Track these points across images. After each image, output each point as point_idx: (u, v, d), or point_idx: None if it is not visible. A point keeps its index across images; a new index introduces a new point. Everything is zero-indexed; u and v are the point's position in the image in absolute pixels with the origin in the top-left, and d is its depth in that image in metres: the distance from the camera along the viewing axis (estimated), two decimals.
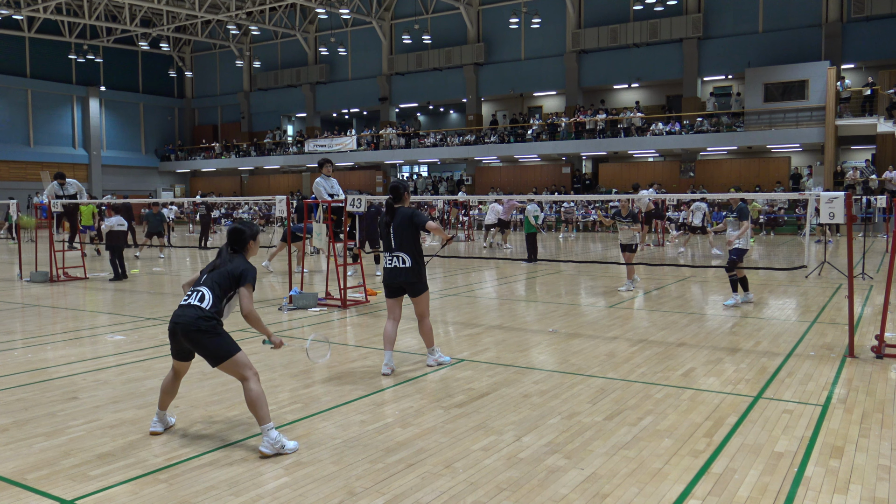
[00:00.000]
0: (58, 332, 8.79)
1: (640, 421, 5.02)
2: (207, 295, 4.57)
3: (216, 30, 46.62)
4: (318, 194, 11.47)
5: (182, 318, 4.52)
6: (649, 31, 33.18)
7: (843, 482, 3.95)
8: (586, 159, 37.11)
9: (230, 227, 4.87)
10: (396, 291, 6.44)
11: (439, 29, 39.13)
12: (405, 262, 6.31)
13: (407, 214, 6.34)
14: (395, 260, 6.34)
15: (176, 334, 4.58)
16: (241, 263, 4.71)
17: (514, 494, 3.81)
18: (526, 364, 6.79)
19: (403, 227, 6.31)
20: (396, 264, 6.33)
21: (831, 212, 6.98)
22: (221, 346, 4.51)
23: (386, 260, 6.40)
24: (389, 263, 6.37)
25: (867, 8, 29.05)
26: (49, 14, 38.99)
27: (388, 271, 6.39)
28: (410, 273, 6.33)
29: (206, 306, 4.53)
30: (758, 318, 9.27)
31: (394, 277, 6.38)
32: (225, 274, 4.65)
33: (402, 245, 6.33)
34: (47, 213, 14.58)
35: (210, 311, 4.53)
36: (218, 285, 4.63)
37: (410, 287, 6.37)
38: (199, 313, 4.50)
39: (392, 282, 6.40)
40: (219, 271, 4.68)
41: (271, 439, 4.36)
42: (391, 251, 6.37)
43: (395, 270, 6.35)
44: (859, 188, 27.22)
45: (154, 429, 4.82)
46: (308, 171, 43.57)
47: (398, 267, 6.33)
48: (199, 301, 4.56)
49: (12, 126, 42.15)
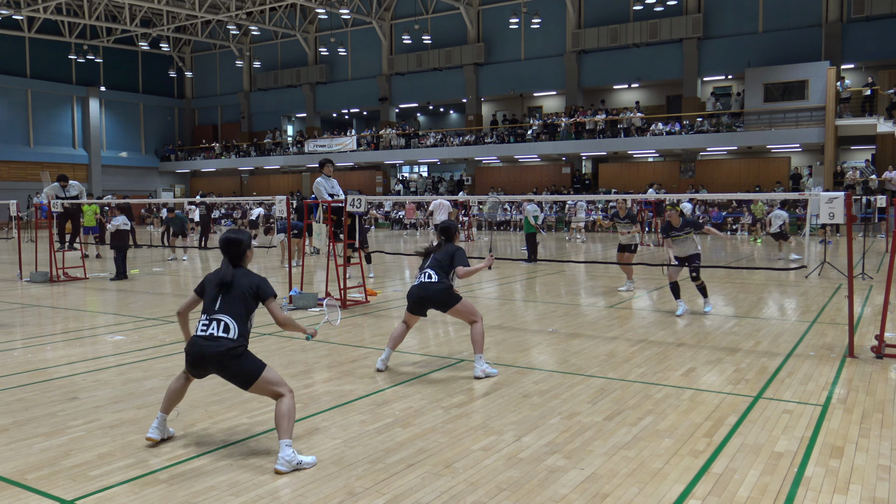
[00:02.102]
0: (58, 332, 8.79)
1: (640, 421, 5.02)
2: (231, 324, 4.43)
3: (216, 30, 46.62)
4: (318, 194, 11.47)
5: (210, 349, 4.37)
6: (649, 31, 33.18)
7: (843, 482, 3.95)
8: (586, 159, 37.11)
9: (225, 238, 4.71)
10: (420, 307, 6.55)
11: (439, 29, 39.13)
12: (432, 277, 6.44)
13: (451, 251, 6.59)
14: (423, 276, 6.50)
15: (202, 365, 4.44)
16: (252, 279, 4.63)
17: (514, 494, 3.81)
18: (526, 364, 6.79)
19: (442, 256, 6.55)
20: (423, 279, 6.48)
21: (831, 212, 6.98)
22: (251, 369, 4.40)
23: (417, 278, 6.59)
24: (418, 280, 6.55)
25: (867, 8, 29.04)
26: (49, 14, 38.99)
27: (415, 287, 6.53)
28: (439, 287, 6.41)
29: (234, 336, 4.40)
30: (758, 318, 9.27)
31: (421, 290, 6.47)
32: (240, 297, 4.52)
33: (433, 265, 6.50)
34: (47, 213, 14.58)
35: (238, 339, 4.42)
36: (242, 309, 4.51)
37: (439, 301, 6.41)
38: (228, 345, 4.37)
39: (420, 294, 6.47)
40: (233, 294, 4.51)
41: (287, 456, 4.18)
42: (421, 270, 6.58)
43: (422, 285, 6.47)
44: (859, 188, 27.23)
45: (151, 435, 4.60)
46: (308, 172, 43.57)
47: (424, 282, 6.46)
48: (225, 332, 4.41)
49: (12, 126, 42.15)
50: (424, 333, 8.55)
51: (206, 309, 4.55)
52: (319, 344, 7.87)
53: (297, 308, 10.15)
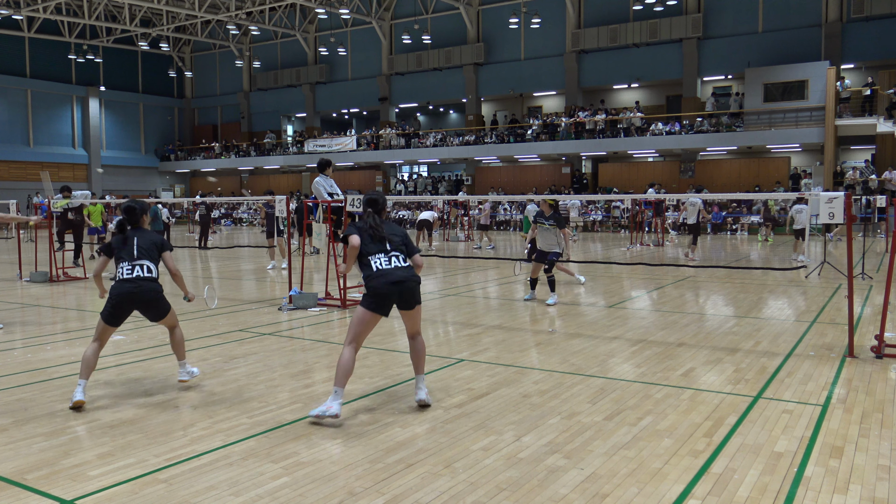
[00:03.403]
0: (58, 332, 8.80)
1: (639, 421, 5.02)
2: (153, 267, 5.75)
3: (216, 30, 46.63)
4: (317, 194, 11.47)
5: (140, 288, 5.63)
6: (649, 31, 33.18)
7: (843, 482, 3.95)
8: (586, 159, 37.12)
9: (125, 206, 5.89)
10: (387, 305, 5.22)
11: (439, 29, 39.14)
12: (405, 261, 5.30)
13: (402, 232, 5.55)
14: (385, 259, 5.23)
15: (134, 302, 5.63)
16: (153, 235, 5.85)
17: (514, 494, 3.81)
18: (526, 364, 6.79)
19: (396, 238, 5.43)
20: (398, 263, 5.23)
21: (831, 212, 6.98)
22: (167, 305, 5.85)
23: (380, 261, 5.25)
24: (388, 264, 5.23)
25: (867, 8, 29.05)
26: (49, 14, 38.99)
27: (385, 274, 5.19)
28: (417, 279, 5.32)
29: (155, 275, 5.75)
30: (758, 318, 9.27)
31: (396, 279, 5.15)
32: (149, 247, 5.78)
33: (395, 247, 5.35)
34: (47, 214, 14.57)
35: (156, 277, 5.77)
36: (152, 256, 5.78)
37: (414, 293, 5.27)
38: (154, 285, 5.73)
39: (395, 284, 5.16)
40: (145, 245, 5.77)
41: (190, 370, 6.00)
42: (385, 252, 5.29)
43: (395, 271, 5.19)
44: (859, 188, 27.23)
45: (79, 398, 5.33)
46: (308, 171, 43.58)
47: (399, 267, 5.23)
48: (149, 273, 5.70)
49: (12, 126, 42.16)
50: (424, 334, 8.53)
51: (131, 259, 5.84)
52: (319, 344, 7.87)
53: (297, 308, 10.16)
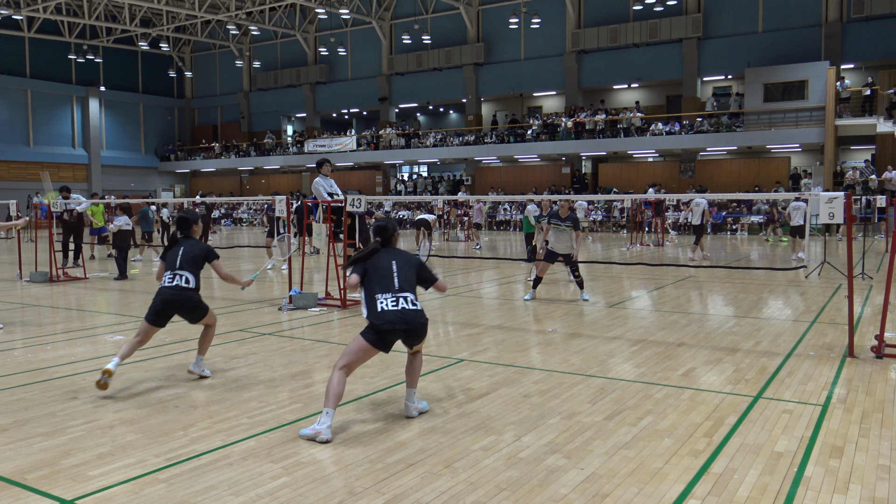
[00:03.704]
0: (58, 332, 8.79)
1: (639, 421, 5.02)
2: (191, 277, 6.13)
3: (216, 30, 46.62)
4: (317, 194, 11.47)
5: (178, 296, 6.07)
6: (649, 31, 33.18)
7: (843, 482, 3.95)
8: (586, 159, 37.12)
9: (178, 216, 6.47)
10: (390, 343, 5.04)
11: (439, 29, 39.14)
12: (415, 304, 5.06)
13: (415, 262, 5.26)
14: (397, 300, 5.00)
15: (174, 308, 6.08)
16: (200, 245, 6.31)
17: (514, 494, 3.81)
18: (526, 364, 6.79)
19: (408, 268, 5.17)
20: (405, 306, 5.00)
21: (831, 212, 6.98)
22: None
23: (387, 302, 4.99)
24: (394, 305, 4.98)
25: (867, 8, 29.05)
26: (49, 14, 38.98)
27: (390, 318, 4.94)
28: (424, 321, 5.12)
29: (193, 286, 6.14)
30: (758, 318, 9.27)
31: (401, 327, 4.95)
32: (191, 259, 6.17)
33: (406, 285, 5.10)
34: (47, 213, 14.57)
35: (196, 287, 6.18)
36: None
37: (419, 335, 5.10)
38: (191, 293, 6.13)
39: (400, 331, 4.97)
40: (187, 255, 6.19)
41: (202, 365, 6.35)
42: (393, 292, 5.03)
43: (402, 316, 4.96)
44: (859, 188, 27.23)
45: (108, 367, 5.77)
46: (308, 171, 43.57)
47: (407, 310, 4.99)
48: (187, 283, 6.09)
49: (12, 126, 42.15)
50: None
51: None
52: (319, 344, 7.87)
53: (297, 308, 10.16)
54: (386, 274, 5.06)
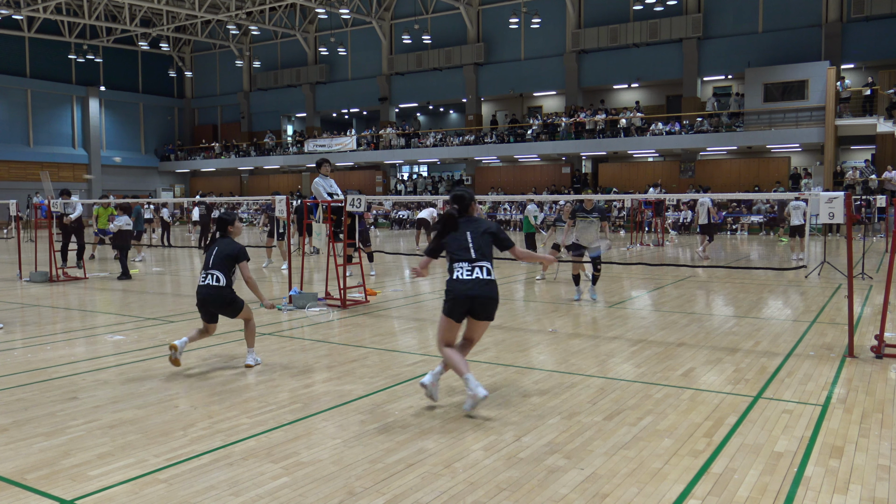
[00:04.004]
0: (58, 332, 8.79)
1: (640, 421, 5.02)
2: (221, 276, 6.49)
3: (216, 30, 46.63)
4: (317, 194, 11.47)
5: (209, 294, 6.54)
6: (649, 31, 33.19)
7: (843, 482, 3.95)
8: (586, 159, 37.12)
9: (218, 217, 6.72)
10: (464, 313, 5.23)
11: (439, 29, 39.14)
12: (490, 274, 5.24)
13: (490, 228, 5.41)
14: (470, 270, 5.19)
15: (207, 304, 6.55)
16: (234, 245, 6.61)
17: (514, 494, 3.81)
18: (526, 364, 6.79)
19: (484, 237, 5.34)
20: (479, 275, 5.18)
21: (831, 212, 6.98)
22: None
23: (462, 271, 5.22)
24: (469, 275, 5.19)
25: (867, 8, 29.05)
26: (49, 14, 38.98)
27: (463, 285, 5.18)
28: (495, 289, 5.29)
29: (224, 284, 6.48)
30: (758, 318, 9.27)
31: (471, 294, 5.15)
32: (224, 259, 6.49)
33: (484, 257, 5.27)
34: (46, 213, 14.57)
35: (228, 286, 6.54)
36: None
37: (486, 308, 5.25)
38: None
39: (469, 298, 5.15)
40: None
41: (255, 357, 6.70)
42: (470, 261, 5.22)
43: (474, 285, 5.17)
44: (859, 188, 27.23)
45: (176, 343, 6.43)
46: (308, 171, 43.58)
47: (480, 279, 5.18)
48: (217, 282, 6.46)
49: (12, 126, 42.15)
50: (424, 333, 8.55)
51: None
52: (319, 344, 7.87)
53: (296, 308, 10.16)
54: (463, 243, 5.29)
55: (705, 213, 17.66)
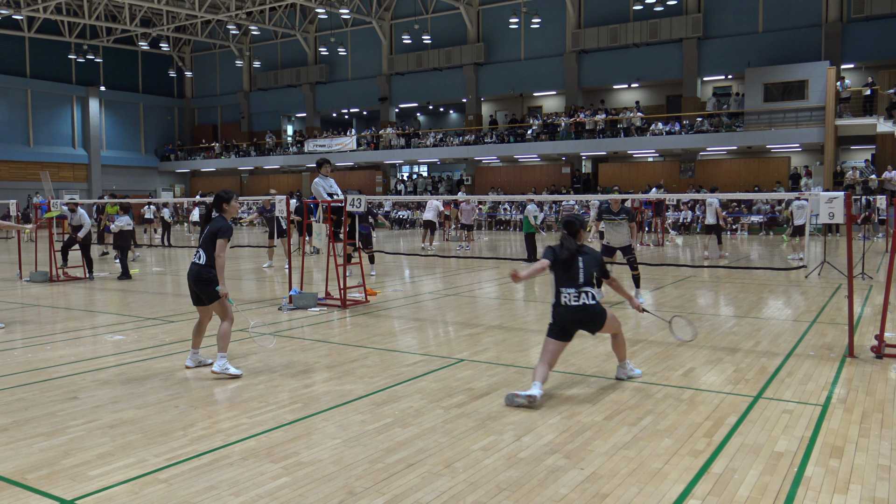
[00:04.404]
0: (58, 332, 8.79)
1: (640, 421, 5.02)
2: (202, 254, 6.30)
3: (216, 30, 46.62)
4: (317, 194, 11.47)
5: (191, 271, 6.38)
6: (649, 31, 33.18)
7: (843, 482, 3.95)
8: (586, 159, 37.12)
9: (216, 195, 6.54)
10: (571, 333, 5.72)
11: (439, 29, 39.13)
12: (594, 299, 5.67)
13: (598, 260, 5.83)
14: (577, 295, 5.62)
15: (189, 283, 6.43)
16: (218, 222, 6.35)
17: (514, 494, 3.81)
18: (526, 364, 6.79)
19: (590, 264, 5.72)
20: (586, 301, 5.63)
21: (831, 212, 6.98)
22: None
23: (570, 297, 5.62)
24: (576, 301, 5.62)
25: (867, 8, 29.04)
26: (49, 14, 38.98)
27: (570, 311, 5.62)
28: (600, 311, 5.75)
29: (203, 262, 6.28)
30: (758, 318, 9.27)
31: (580, 319, 5.65)
32: (209, 237, 6.29)
33: (587, 280, 5.68)
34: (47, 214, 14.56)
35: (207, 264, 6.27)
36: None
37: (596, 324, 5.74)
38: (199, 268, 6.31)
39: (579, 322, 5.66)
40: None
41: (222, 364, 6.25)
42: (577, 287, 5.63)
43: (582, 310, 5.63)
44: (859, 188, 27.22)
45: (187, 363, 6.59)
46: (308, 171, 43.58)
47: (587, 305, 5.63)
48: (198, 259, 6.30)
49: (12, 126, 42.14)
50: (424, 333, 8.55)
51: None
52: (319, 344, 7.87)
53: (297, 308, 10.16)
54: (572, 268, 5.64)
55: (713, 214, 17.72)
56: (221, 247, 6.21)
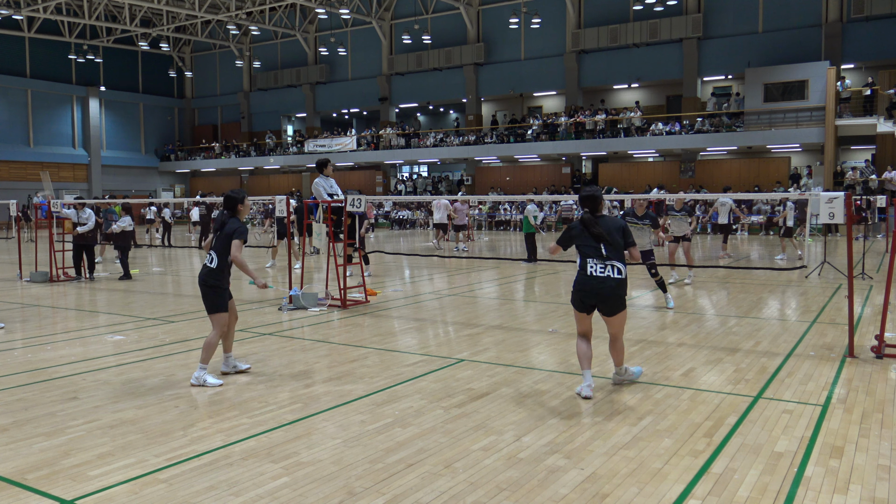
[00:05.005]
0: (58, 332, 8.79)
1: (640, 421, 5.02)
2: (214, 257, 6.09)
3: (216, 30, 46.62)
4: (317, 194, 11.47)
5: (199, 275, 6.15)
6: (649, 31, 33.18)
7: (843, 482, 3.95)
8: (586, 159, 37.12)
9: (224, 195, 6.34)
10: (590, 306, 5.66)
11: (439, 29, 39.13)
12: (620, 273, 5.55)
13: (620, 225, 5.68)
14: (610, 268, 5.54)
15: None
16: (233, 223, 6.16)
17: (514, 494, 3.81)
18: (526, 364, 6.79)
19: (614, 235, 5.60)
20: (611, 273, 5.53)
21: (831, 212, 6.98)
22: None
23: (596, 268, 5.57)
24: (601, 272, 5.55)
25: (867, 8, 29.05)
26: (49, 14, 38.99)
27: (593, 280, 5.56)
28: (622, 286, 5.58)
29: (214, 265, 6.06)
30: (758, 318, 9.27)
31: (600, 289, 5.54)
32: (223, 238, 6.09)
33: (616, 254, 5.58)
34: (47, 213, 14.57)
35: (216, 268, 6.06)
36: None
37: (614, 303, 5.58)
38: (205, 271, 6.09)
39: (598, 293, 5.55)
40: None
41: (199, 375, 5.99)
42: (602, 259, 5.56)
43: (605, 282, 5.53)
44: (859, 188, 27.22)
45: (222, 369, 6.37)
46: (308, 171, 43.58)
47: (611, 278, 5.53)
48: (210, 262, 6.07)
49: (12, 126, 42.15)
50: (424, 333, 8.55)
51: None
52: (319, 344, 7.87)
53: (297, 308, 10.16)
54: (596, 239, 5.57)
55: (726, 213, 17.79)
56: (237, 247, 6.06)
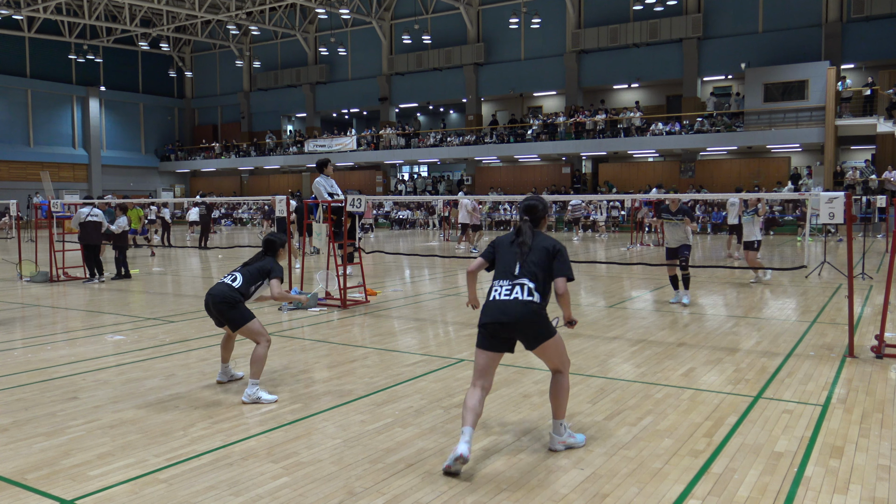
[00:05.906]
0: (58, 332, 8.79)
1: (640, 421, 5.02)
2: (239, 277, 5.78)
3: (216, 30, 46.63)
4: (318, 194, 11.47)
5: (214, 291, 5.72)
6: (649, 31, 33.19)
7: (843, 482, 3.95)
8: (586, 159, 37.12)
9: (264, 238, 6.05)
10: (501, 342, 4.28)
11: (439, 29, 39.14)
12: (531, 295, 4.21)
13: (554, 247, 4.33)
14: (518, 289, 4.24)
15: (208, 305, 5.72)
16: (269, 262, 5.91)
17: (514, 494, 3.81)
18: (526, 364, 6.78)
19: (539, 254, 4.32)
20: (518, 295, 4.22)
21: (831, 212, 6.98)
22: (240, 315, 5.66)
23: (501, 290, 4.30)
24: (507, 294, 4.26)
25: (867, 8, 29.05)
26: (49, 14, 38.99)
27: (495, 307, 4.27)
28: (535, 309, 4.22)
29: (237, 285, 5.72)
30: (758, 318, 9.27)
31: (502, 317, 4.20)
32: (255, 269, 5.84)
33: (530, 275, 4.27)
34: (47, 213, 14.57)
35: (239, 289, 5.72)
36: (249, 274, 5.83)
37: (526, 332, 4.22)
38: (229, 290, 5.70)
39: (502, 324, 4.19)
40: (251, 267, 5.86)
41: (251, 391, 5.50)
42: (511, 277, 4.31)
43: (507, 305, 4.21)
44: (859, 188, 27.22)
45: (219, 379, 6.11)
46: (308, 172, 43.59)
47: (518, 300, 4.20)
48: (232, 281, 5.75)
49: (12, 126, 42.15)
50: (424, 333, 8.55)
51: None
52: (319, 344, 7.87)
53: (296, 308, 10.16)
54: (512, 257, 4.35)
55: (735, 214, 17.73)
56: (276, 286, 5.76)
